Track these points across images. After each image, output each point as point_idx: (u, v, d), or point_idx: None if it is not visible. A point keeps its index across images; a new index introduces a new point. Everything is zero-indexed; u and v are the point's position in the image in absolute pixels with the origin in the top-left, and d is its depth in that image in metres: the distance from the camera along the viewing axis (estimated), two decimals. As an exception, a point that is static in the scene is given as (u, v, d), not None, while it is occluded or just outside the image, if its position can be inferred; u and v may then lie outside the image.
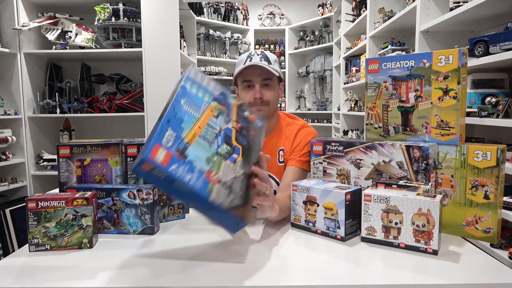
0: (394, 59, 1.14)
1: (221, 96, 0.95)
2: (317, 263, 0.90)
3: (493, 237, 1.01)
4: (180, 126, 0.85)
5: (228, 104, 0.95)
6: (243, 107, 0.98)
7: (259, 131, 1.00)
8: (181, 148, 0.82)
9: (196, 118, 0.88)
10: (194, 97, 0.90)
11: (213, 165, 0.86)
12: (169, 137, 0.81)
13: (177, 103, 0.86)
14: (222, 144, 0.90)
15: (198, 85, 0.92)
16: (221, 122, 0.92)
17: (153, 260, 0.93)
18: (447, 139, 1.06)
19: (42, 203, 0.98)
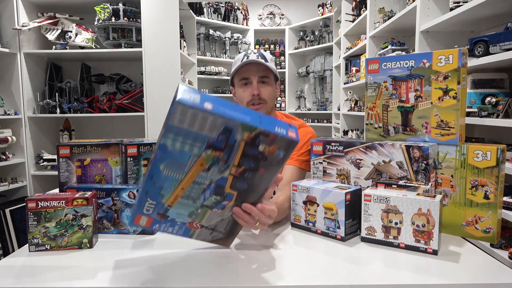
0: (394, 59, 1.14)
1: (222, 136, 0.73)
2: (317, 263, 0.90)
3: (493, 237, 1.01)
4: (160, 193, 0.82)
5: (231, 145, 0.75)
6: (258, 139, 0.75)
7: (278, 164, 0.81)
8: (162, 211, 0.86)
9: (179, 181, 0.80)
10: (177, 156, 0.76)
11: (196, 216, 0.88)
12: (149, 206, 0.84)
13: (155, 169, 0.78)
14: (210, 196, 0.84)
15: (185, 135, 0.73)
16: (213, 174, 0.80)
17: (153, 260, 0.93)
18: (447, 139, 1.06)
19: (42, 203, 0.98)
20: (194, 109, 0.69)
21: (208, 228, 0.92)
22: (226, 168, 0.79)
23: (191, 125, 0.71)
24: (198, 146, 0.75)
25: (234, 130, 0.73)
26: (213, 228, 0.92)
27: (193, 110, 0.69)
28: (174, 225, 0.90)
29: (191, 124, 0.71)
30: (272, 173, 0.83)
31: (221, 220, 0.91)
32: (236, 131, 0.73)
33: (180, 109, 0.69)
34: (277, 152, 0.78)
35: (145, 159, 1.19)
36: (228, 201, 0.86)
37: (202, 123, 0.71)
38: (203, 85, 5.21)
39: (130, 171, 1.18)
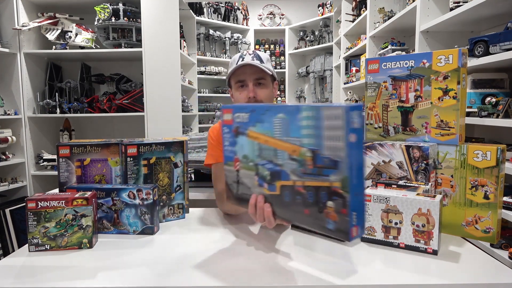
0: (394, 59, 1.14)
1: (330, 163, 0.72)
2: (317, 263, 0.90)
3: (493, 237, 1.01)
4: (259, 120, 0.86)
5: (319, 171, 0.75)
6: (335, 198, 0.73)
7: (312, 223, 0.79)
8: (238, 129, 0.91)
9: (272, 135, 0.83)
10: (299, 125, 0.77)
11: (245, 162, 0.91)
12: (242, 116, 0.90)
13: (289, 113, 0.79)
14: (267, 169, 0.85)
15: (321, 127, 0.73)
16: (289, 163, 0.80)
17: (153, 260, 0.93)
18: (447, 139, 1.06)
19: (42, 203, 0.98)
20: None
21: (237, 180, 0.94)
22: (298, 176, 0.79)
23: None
24: (312, 139, 0.75)
25: (337, 172, 0.72)
26: (240, 182, 0.94)
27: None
28: (232, 144, 0.94)
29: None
30: (307, 223, 0.81)
31: (248, 185, 0.92)
32: (336, 175, 0.72)
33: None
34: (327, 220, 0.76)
35: (144, 159, 1.19)
36: (268, 189, 0.86)
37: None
38: (203, 85, 5.21)
39: (130, 171, 1.18)
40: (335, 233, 0.74)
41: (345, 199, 0.70)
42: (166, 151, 1.22)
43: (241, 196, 0.94)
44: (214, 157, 1.42)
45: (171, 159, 1.23)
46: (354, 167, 0.70)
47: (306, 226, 0.82)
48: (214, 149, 1.43)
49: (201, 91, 5.05)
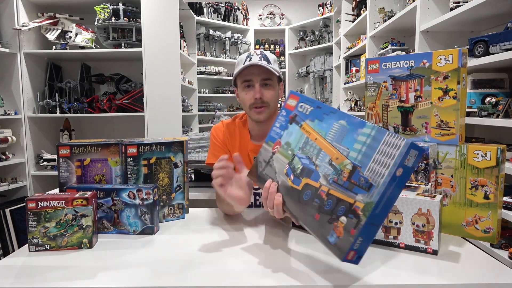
0: (394, 59, 1.14)
1: (365, 184, 0.74)
2: (317, 263, 0.90)
3: (493, 237, 1.01)
4: (320, 118, 0.89)
5: (350, 187, 0.76)
6: (358, 217, 0.73)
7: (321, 236, 0.80)
8: (296, 117, 0.94)
9: (324, 136, 0.85)
10: (356, 134, 0.79)
11: (285, 149, 0.93)
12: (305, 107, 0.93)
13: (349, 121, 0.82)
14: (301, 163, 0.87)
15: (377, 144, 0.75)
16: (325, 167, 0.82)
17: (153, 260, 0.93)
18: (447, 139, 1.06)
19: (42, 203, 0.98)
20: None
21: (269, 160, 0.97)
22: (327, 182, 0.80)
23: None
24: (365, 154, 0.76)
25: (366, 194, 0.73)
26: (269, 163, 0.97)
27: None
28: (281, 126, 0.98)
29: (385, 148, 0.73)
30: (311, 227, 0.82)
31: (274, 172, 0.94)
32: (364, 196, 0.73)
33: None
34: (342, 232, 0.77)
35: (144, 159, 1.19)
36: (292, 181, 0.88)
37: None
38: (203, 85, 5.21)
39: (130, 171, 1.18)
40: (332, 247, 0.76)
41: (360, 222, 0.71)
42: (166, 151, 1.22)
43: (263, 176, 0.96)
44: (216, 156, 1.42)
45: (171, 159, 1.23)
46: (385, 199, 0.71)
47: (308, 228, 0.83)
48: (217, 148, 1.44)
49: (201, 91, 5.05)
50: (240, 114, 1.50)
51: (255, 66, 1.29)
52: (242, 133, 1.44)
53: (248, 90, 1.33)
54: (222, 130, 1.46)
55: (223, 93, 5.40)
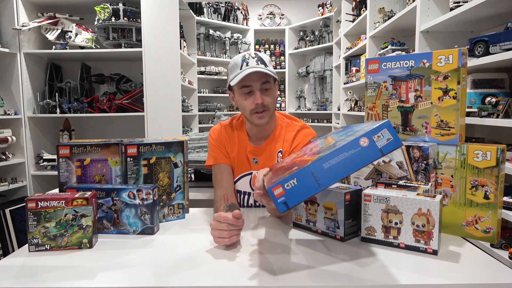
0: (394, 59, 1.14)
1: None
2: (317, 263, 0.90)
3: (493, 237, 1.01)
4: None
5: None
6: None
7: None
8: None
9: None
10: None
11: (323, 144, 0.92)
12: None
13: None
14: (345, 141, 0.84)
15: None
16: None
17: (153, 260, 0.93)
18: (447, 139, 1.06)
19: (42, 203, 0.98)
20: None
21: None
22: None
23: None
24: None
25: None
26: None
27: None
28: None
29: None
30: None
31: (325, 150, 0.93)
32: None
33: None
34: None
35: (145, 159, 1.19)
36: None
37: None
38: (203, 85, 5.21)
39: (130, 171, 1.18)
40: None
41: (301, 167, 0.75)
42: (166, 151, 1.22)
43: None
44: (214, 158, 1.42)
45: (171, 159, 1.23)
46: (338, 159, 0.74)
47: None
48: (214, 150, 1.43)
49: (201, 91, 5.05)
50: (237, 115, 1.49)
51: (254, 72, 1.26)
52: (240, 135, 1.44)
53: (248, 96, 1.30)
54: (220, 132, 1.45)
55: (223, 93, 5.40)
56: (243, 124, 1.45)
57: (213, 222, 0.99)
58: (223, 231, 0.97)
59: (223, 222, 0.96)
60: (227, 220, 0.96)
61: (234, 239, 0.99)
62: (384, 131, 0.73)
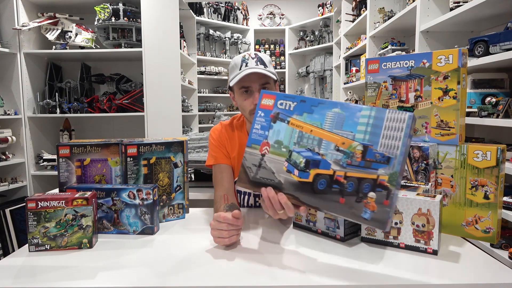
0: (394, 59, 1.14)
1: (383, 160, 0.80)
2: (317, 263, 0.90)
3: (493, 237, 1.01)
4: (308, 110, 0.90)
5: (368, 165, 0.82)
6: (379, 191, 0.80)
7: (347, 212, 0.84)
8: (279, 114, 0.93)
9: (321, 126, 0.87)
10: (353, 120, 0.84)
11: (277, 147, 0.92)
12: (287, 103, 0.93)
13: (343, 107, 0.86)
14: (301, 155, 0.88)
15: (379, 124, 0.81)
16: (333, 154, 0.85)
17: (153, 260, 0.93)
18: (447, 139, 1.06)
19: (42, 203, 0.98)
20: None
21: (260, 163, 0.95)
22: (341, 166, 0.84)
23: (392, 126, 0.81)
24: (366, 134, 0.82)
25: (387, 167, 0.80)
26: (260, 165, 0.95)
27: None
28: (263, 129, 0.96)
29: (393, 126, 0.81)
30: (338, 211, 0.85)
31: (271, 170, 0.93)
32: (386, 169, 0.80)
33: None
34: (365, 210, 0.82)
35: (145, 159, 1.19)
36: (298, 176, 0.88)
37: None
38: (203, 85, 5.21)
39: (130, 171, 1.18)
40: (370, 222, 0.79)
41: (390, 192, 0.78)
42: (166, 151, 1.22)
43: (259, 180, 0.94)
44: (214, 158, 1.42)
45: (171, 159, 1.23)
46: (402, 167, 0.78)
47: (336, 213, 0.85)
48: (215, 150, 1.43)
49: (201, 91, 5.05)
50: (237, 115, 1.49)
51: (253, 73, 1.26)
52: (240, 135, 1.43)
53: (247, 96, 1.30)
54: (221, 132, 1.45)
55: (223, 93, 5.40)
56: (243, 124, 1.45)
57: (212, 222, 0.99)
58: (222, 231, 0.97)
59: (223, 222, 0.96)
60: (227, 220, 0.96)
61: (234, 239, 0.99)
62: (413, 123, 0.79)
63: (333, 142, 0.85)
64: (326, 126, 0.87)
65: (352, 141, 0.83)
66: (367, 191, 0.80)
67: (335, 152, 0.85)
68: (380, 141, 0.80)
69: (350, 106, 0.86)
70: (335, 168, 0.84)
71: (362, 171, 0.81)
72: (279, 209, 0.90)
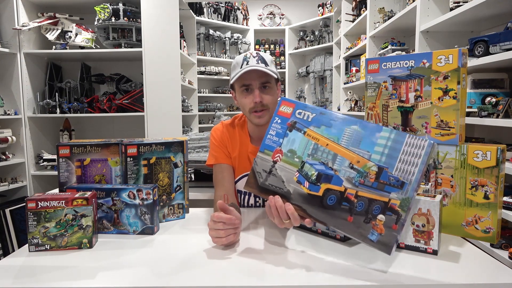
0: (394, 59, 1.14)
1: (397, 186, 0.80)
2: (317, 263, 0.90)
3: (493, 237, 1.01)
4: (326, 124, 0.91)
5: (381, 187, 0.82)
6: (394, 213, 0.81)
7: (356, 233, 0.85)
8: (296, 124, 0.94)
9: (337, 141, 0.88)
10: (374, 138, 0.84)
11: (290, 156, 0.92)
12: (305, 113, 0.93)
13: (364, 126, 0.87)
14: (313, 168, 0.88)
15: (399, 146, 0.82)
16: (346, 171, 0.85)
17: (153, 260, 0.93)
18: (447, 139, 1.06)
19: (42, 203, 0.98)
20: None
21: (271, 170, 0.95)
22: (353, 185, 0.84)
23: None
24: (387, 155, 0.83)
25: (400, 192, 0.80)
26: (270, 172, 0.95)
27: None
28: (278, 135, 0.97)
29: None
30: (345, 229, 0.85)
31: (280, 181, 0.93)
32: (398, 194, 0.80)
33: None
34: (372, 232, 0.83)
35: (145, 159, 1.19)
36: (308, 188, 0.88)
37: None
38: (203, 85, 5.21)
39: (130, 171, 1.18)
40: (376, 244, 0.79)
41: (400, 217, 0.77)
42: (166, 151, 1.22)
43: (267, 187, 0.94)
44: (215, 157, 1.42)
45: (171, 159, 1.23)
46: (415, 193, 0.78)
47: (343, 231, 0.85)
48: (216, 149, 1.43)
49: (201, 91, 5.05)
50: (238, 115, 1.49)
51: (253, 70, 1.26)
52: (241, 135, 1.43)
53: (247, 94, 1.31)
54: (222, 132, 1.45)
55: (223, 93, 5.40)
56: (244, 124, 1.45)
57: (210, 222, 0.99)
58: (219, 231, 0.97)
59: (218, 222, 0.96)
60: (221, 219, 0.96)
61: (231, 238, 0.99)
62: (432, 151, 0.82)
63: (348, 159, 0.85)
64: (343, 142, 0.86)
65: (368, 160, 0.83)
66: (377, 213, 0.80)
67: (349, 169, 0.84)
68: (396, 165, 0.80)
69: (370, 125, 0.85)
70: (347, 186, 0.84)
71: (374, 192, 0.81)
72: (285, 218, 0.90)
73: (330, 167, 0.86)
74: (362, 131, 0.85)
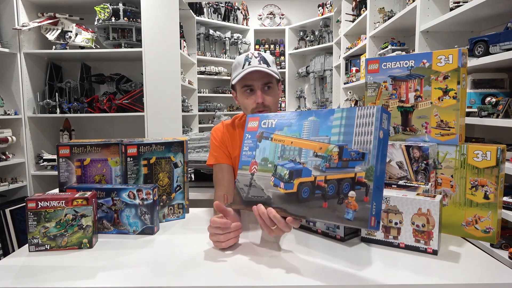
0: (394, 59, 1.14)
1: (358, 157, 0.80)
2: (316, 263, 0.90)
3: (493, 237, 1.01)
4: (287, 124, 0.94)
5: (345, 165, 0.82)
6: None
7: (331, 217, 0.83)
8: (263, 134, 0.98)
9: (299, 136, 0.90)
10: (326, 125, 0.86)
11: (264, 164, 0.95)
12: (269, 122, 0.98)
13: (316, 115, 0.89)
14: (285, 168, 0.90)
15: (351, 122, 0.82)
16: (313, 160, 0.87)
17: (153, 260, 0.93)
18: (447, 139, 1.06)
19: (42, 203, 0.98)
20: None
21: (250, 182, 0.97)
22: (320, 171, 0.85)
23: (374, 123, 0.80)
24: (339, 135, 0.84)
25: (363, 163, 0.79)
26: (250, 185, 0.97)
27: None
28: (251, 150, 1.01)
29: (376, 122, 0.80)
30: (323, 217, 0.83)
31: (260, 189, 0.94)
32: (362, 166, 0.79)
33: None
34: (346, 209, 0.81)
35: (145, 159, 1.19)
36: (284, 188, 0.89)
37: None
38: (203, 85, 5.21)
39: (130, 171, 1.18)
40: (353, 222, 0.78)
41: (369, 188, 0.77)
42: (166, 151, 1.22)
43: (250, 199, 0.95)
44: (215, 157, 1.42)
45: (171, 159, 1.23)
46: (379, 160, 0.78)
47: (321, 219, 0.84)
48: (216, 149, 1.43)
49: (201, 91, 5.05)
50: (239, 115, 1.49)
51: (256, 71, 1.26)
52: (242, 134, 1.43)
53: (249, 95, 1.31)
54: (222, 132, 1.45)
55: (223, 93, 5.40)
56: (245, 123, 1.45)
57: (208, 227, 0.99)
58: (219, 235, 0.97)
59: (214, 227, 0.97)
60: (216, 224, 0.96)
61: (231, 243, 0.99)
62: (384, 116, 0.80)
63: (311, 149, 0.87)
64: (304, 135, 0.89)
65: (328, 144, 0.85)
66: (347, 190, 0.80)
67: (314, 158, 0.86)
68: (354, 139, 0.81)
69: (323, 111, 0.88)
70: (316, 174, 0.85)
71: (341, 171, 0.82)
72: (270, 224, 0.89)
73: (298, 162, 0.89)
74: (318, 120, 0.88)
